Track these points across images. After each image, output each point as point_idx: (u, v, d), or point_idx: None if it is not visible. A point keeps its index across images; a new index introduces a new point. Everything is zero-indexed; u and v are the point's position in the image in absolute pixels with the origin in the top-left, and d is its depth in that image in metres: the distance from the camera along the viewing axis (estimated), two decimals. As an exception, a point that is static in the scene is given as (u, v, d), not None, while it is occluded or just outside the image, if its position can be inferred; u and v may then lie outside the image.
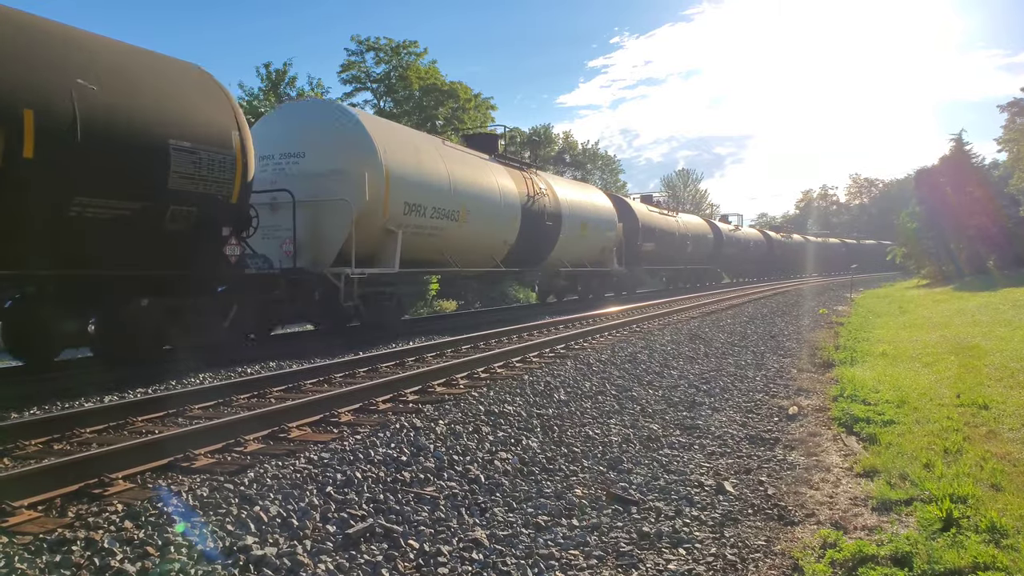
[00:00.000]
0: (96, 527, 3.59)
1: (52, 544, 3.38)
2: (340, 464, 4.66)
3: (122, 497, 4.16)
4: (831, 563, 3.56)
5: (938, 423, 6.11)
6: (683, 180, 79.77)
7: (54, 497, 4.09)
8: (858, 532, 4.01)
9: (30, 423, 5.66)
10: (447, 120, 37.32)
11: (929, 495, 4.32)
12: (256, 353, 10.18)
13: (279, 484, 4.25)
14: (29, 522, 3.74)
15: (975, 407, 6.66)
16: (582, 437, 5.83)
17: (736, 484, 4.82)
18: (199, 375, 8.54)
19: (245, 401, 6.96)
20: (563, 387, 7.48)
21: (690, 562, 3.60)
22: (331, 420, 6.08)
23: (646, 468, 5.13)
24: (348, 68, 36.76)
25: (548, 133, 56.12)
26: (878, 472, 4.96)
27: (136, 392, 7.46)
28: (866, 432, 6.07)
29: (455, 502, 4.27)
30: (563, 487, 4.66)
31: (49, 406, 6.78)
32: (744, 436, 6.15)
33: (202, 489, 4.12)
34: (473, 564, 3.49)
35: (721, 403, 7.46)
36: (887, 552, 3.58)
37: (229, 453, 5.11)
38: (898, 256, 43.45)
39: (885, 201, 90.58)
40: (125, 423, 5.99)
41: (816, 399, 7.80)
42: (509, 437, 5.59)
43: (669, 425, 6.43)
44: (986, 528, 3.79)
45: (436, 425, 5.67)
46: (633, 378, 8.36)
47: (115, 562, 3.19)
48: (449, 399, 6.77)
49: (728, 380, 8.71)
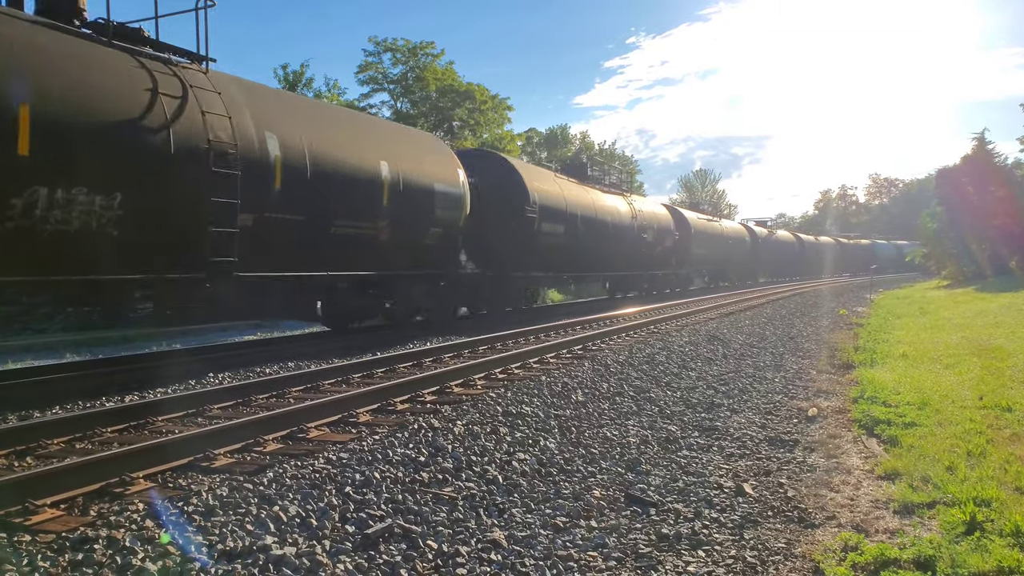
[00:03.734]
0: (118, 526, 3.63)
1: (74, 543, 3.43)
2: (359, 464, 4.68)
3: (143, 496, 4.20)
4: (852, 566, 3.52)
5: (960, 425, 6.02)
6: (701, 181, 79.44)
7: (76, 496, 4.15)
8: (880, 535, 3.96)
9: (52, 422, 5.74)
10: (463, 122, 37.39)
11: (952, 498, 4.25)
12: (274, 354, 10.26)
13: (298, 484, 4.27)
14: (52, 520, 3.79)
15: (998, 409, 6.56)
16: (600, 438, 5.81)
17: (755, 486, 4.78)
18: (219, 375, 8.62)
19: (264, 401, 7.01)
20: (581, 388, 7.46)
21: (710, 564, 3.58)
22: (349, 420, 6.11)
23: (665, 470, 5.10)
24: (365, 69, 37.00)
25: (565, 134, 56.06)
26: (900, 475, 4.90)
27: (156, 392, 7.54)
28: (887, 434, 6.00)
29: (473, 503, 4.27)
30: (581, 488, 4.64)
31: (71, 405, 6.88)
32: (763, 438, 6.10)
33: (222, 489, 4.16)
34: (491, 565, 3.48)
35: (740, 404, 7.40)
36: (910, 556, 3.53)
37: (248, 453, 5.15)
38: (918, 256, 42.97)
39: (905, 201, 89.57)
40: (145, 423, 6.06)
41: (836, 401, 7.72)
42: (527, 438, 5.58)
43: (688, 426, 6.39)
44: (1011, 532, 3.72)
45: (454, 426, 5.67)
46: (651, 379, 8.33)
47: (136, 560, 3.22)
48: (467, 400, 6.78)
49: (747, 381, 8.64)
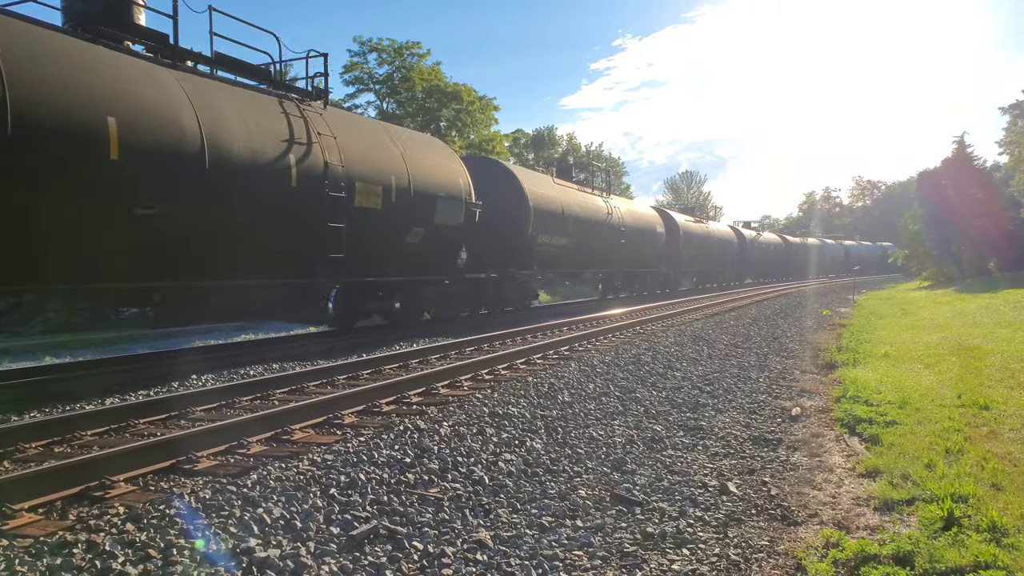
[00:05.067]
0: (97, 529, 3.59)
1: (53, 547, 3.38)
2: (344, 466, 4.66)
3: (124, 500, 4.16)
4: (834, 563, 3.55)
5: (940, 424, 6.10)
6: (687, 182, 79.80)
7: (55, 500, 4.10)
8: (860, 532, 4.00)
9: (30, 426, 5.66)
10: (450, 122, 37.32)
11: (931, 495, 4.31)
12: (259, 355, 10.19)
13: (282, 486, 4.25)
14: (30, 525, 3.74)
15: (976, 408, 6.65)
16: (586, 438, 5.83)
17: (740, 485, 4.81)
18: (202, 377, 8.55)
19: (248, 403, 6.96)
20: (567, 389, 7.48)
21: (694, 562, 3.60)
22: (334, 422, 6.08)
23: (650, 469, 5.13)
24: (351, 69, 36.79)
25: (552, 135, 56.13)
26: (880, 472, 4.96)
27: (138, 394, 7.46)
28: (868, 433, 6.06)
29: (459, 503, 4.26)
30: (567, 488, 4.65)
31: (49, 409, 6.79)
32: (747, 437, 6.14)
33: (205, 491, 4.12)
34: (477, 565, 3.48)
35: (725, 404, 7.45)
36: (889, 552, 3.58)
37: (232, 455, 5.12)
38: (899, 258, 43.42)
39: (888, 203, 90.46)
40: (127, 425, 6.00)
41: (819, 400, 7.79)
42: (513, 438, 5.59)
43: (673, 426, 6.42)
44: (987, 527, 3.78)
45: (440, 427, 5.67)
46: (637, 379, 8.36)
47: (117, 564, 3.19)
48: (453, 400, 6.77)
49: (732, 381, 8.70)
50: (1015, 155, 38.34)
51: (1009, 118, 40.21)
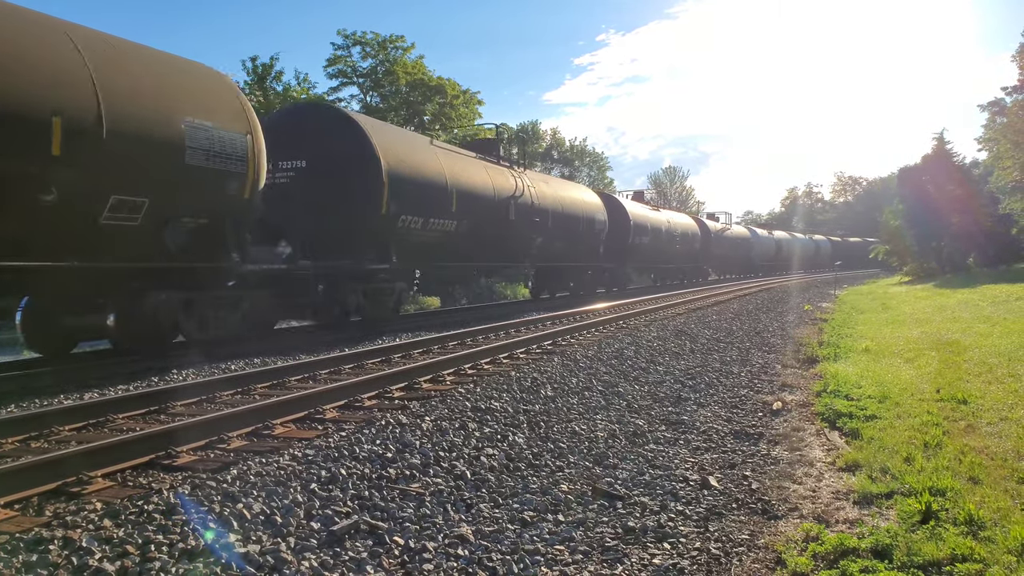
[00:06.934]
0: (74, 526, 3.54)
1: (29, 543, 3.33)
2: (325, 461, 4.64)
3: (101, 496, 4.11)
4: (813, 556, 3.58)
5: (919, 418, 6.17)
6: (670, 177, 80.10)
7: (31, 496, 4.04)
8: (840, 526, 4.04)
9: (6, 421, 5.58)
10: (434, 116, 37.14)
11: (909, 488, 4.35)
12: (240, 349, 10.11)
13: (263, 481, 4.21)
14: (5, 521, 3.69)
15: (954, 402, 6.72)
16: (568, 433, 5.83)
17: (721, 479, 4.84)
18: (182, 372, 8.46)
19: (229, 398, 6.91)
20: (550, 383, 7.48)
21: (675, 556, 3.61)
22: (316, 417, 6.04)
23: (632, 463, 5.14)
24: (334, 62, 36.51)
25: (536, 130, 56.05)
26: (860, 466, 5.00)
27: (117, 389, 7.38)
28: (849, 427, 6.11)
29: (441, 498, 4.25)
30: (549, 483, 4.65)
31: (27, 403, 6.70)
32: (729, 431, 6.18)
33: (184, 487, 4.08)
34: (459, 560, 3.47)
35: (706, 399, 7.49)
36: (868, 545, 3.61)
37: (212, 450, 5.07)
38: (881, 253, 43.85)
39: (869, 199, 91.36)
40: (105, 420, 5.92)
41: (800, 395, 7.85)
42: (496, 433, 5.58)
43: (655, 420, 6.45)
44: (964, 520, 3.82)
45: (422, 421, 5.65)
46: (620, 374, 8.38)
47: (94, 561, 3.15)
48: (436, 395, 6.76)
49: (713, 376, 8.75)
50: (994, 152, 38.80)
51: (988, 115, 40.68)
